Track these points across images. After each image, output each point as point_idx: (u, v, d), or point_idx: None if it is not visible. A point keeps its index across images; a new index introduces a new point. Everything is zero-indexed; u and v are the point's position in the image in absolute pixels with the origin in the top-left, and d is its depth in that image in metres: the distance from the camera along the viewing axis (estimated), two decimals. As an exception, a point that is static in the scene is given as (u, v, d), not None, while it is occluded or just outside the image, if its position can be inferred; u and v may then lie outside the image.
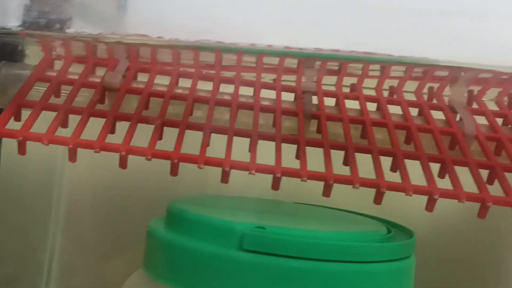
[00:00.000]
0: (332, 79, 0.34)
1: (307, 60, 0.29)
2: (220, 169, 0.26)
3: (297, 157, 0.28)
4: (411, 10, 0.25)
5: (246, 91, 0.32)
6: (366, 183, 0.25)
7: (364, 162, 0.28)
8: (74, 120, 0.28)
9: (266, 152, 0.28)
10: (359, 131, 0.30)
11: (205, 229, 0.25)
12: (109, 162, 0.28)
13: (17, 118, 0.27)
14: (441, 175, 0.27)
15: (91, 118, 0.28)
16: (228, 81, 0.32)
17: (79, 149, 0.26)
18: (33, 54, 0.33)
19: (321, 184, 0.26)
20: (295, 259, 0.23)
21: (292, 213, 0.31)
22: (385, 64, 0.29)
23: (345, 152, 0.28)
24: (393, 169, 0.28)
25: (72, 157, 0.25)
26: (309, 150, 0.28)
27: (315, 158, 0.28)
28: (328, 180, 0.25)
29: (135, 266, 0.29)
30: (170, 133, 0.28)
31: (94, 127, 0.28)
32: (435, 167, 0.27)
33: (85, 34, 0.26)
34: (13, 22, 0.26)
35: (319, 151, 0.28)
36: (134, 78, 0.31)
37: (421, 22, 0.25)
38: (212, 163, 0.26)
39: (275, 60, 0.31)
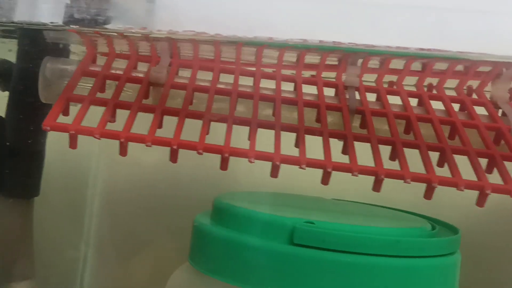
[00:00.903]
0: (370, 76, 0.34)
1: (351, 56, 0.29)
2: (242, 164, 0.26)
3: (344, 152, 0.28)
4: (455, 9, 0.25)
5: (285, 87, 0.32)
6: (417, 178, 0.25)
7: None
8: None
9: (310, 146, 0.28)
10: (402, 127, 0.30)
11: (256, 224, 0.25)
12: (140, 157, 0.28)
13: (66, 113, 0.28)
14: (489, 170, 0.27)
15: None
16: (270, 77, 0.32)
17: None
18: (75, 50, 0.34)
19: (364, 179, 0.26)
20: (345, 254, 0.23)
21: (334, 208, 0.31)
22: (430, 60, 0.28)
23: (392, 147, 0.28)
24: (440, 163, 0.27)
25: (123, 151, 0.26)
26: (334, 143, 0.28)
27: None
28: (379, 175, 0.25)
29: (170, 261, 0.29)
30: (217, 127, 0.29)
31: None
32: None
33: (133, 30, 0.26)
34: (54, 19, 0.27)
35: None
36: (176, 74, 0.31)
37: (463, 19, 0.25)
38: (212, 150, 0.26)
39: (313, 58, 0.32)
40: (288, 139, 0.29)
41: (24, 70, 0.32)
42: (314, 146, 0.28)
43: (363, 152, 0.28)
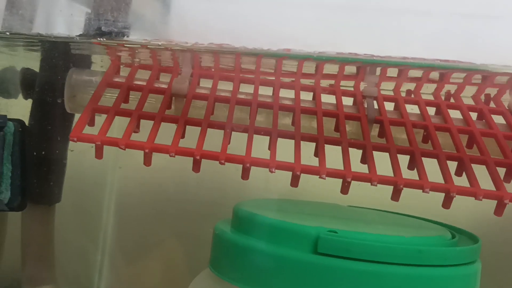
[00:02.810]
0: (387, 85, 0.34)
1: (370, 66, 0.30)
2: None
3: (363, 161, 0.28)
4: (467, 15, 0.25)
5: (304, 96, 0.33)
6: (436, 188, 0.26)
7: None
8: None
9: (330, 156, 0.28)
10: (420, 136, 0.31)
11: (278, 232, 0.25)
12: (159, 165, 0.29)
13: (91, 123, 0.28)
14: (507, 179, 0.27)
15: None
16: (289, 86, 0.33)
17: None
18: (97, 61, 0.35)
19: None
20: (368, 263, 0.24)
21: (352, 216, 0.31)
22: (448, 70, 0.29)
23: (411, 156, 0.28)
24: (458, 173, 0.28)
25: (148, 161, 0.26)
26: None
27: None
28: (398, 185, 0.26)
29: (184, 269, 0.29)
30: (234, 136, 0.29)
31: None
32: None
33: (159, 43, 0.26)
34: (75, 32, 0.27)
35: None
36: (198, 84, 0.32)
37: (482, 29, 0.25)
38: (234, 160, 0.27)
39: (332, 68, 0.32)
40: (304, 147, 0.29)
41: (48, 80, 0.32)
42: (329, 155, 0.29)
43: (379, 161, 0.28)
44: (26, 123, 0.34)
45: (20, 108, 0.36)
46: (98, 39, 0.26)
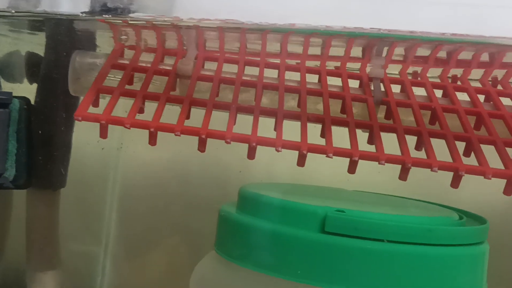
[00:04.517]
0: (394, 68, 0.34)
1: (376, 46, 0.30)
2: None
3: (370, 142, 0.28)
4: None
5: (310, 78, 0.33)
6: (444, 166, 0.25)
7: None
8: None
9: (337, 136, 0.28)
10: (427, 118, 0.30)
11: (286, 213, 0.25)
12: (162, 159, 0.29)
13: (96, 104, 0.28)
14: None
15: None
16: (294, 69, 0.32)
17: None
18: (102, 43, 0.34)
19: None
20: (376, 242, 0.23)
21: (359, 199, 0.31)
22: (456, 46, 0.28)
23: (418, 137, 0.28)
24: (467, 153, 0.28)
25: (153, 140, 0.26)
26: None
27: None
28: (406, 163, 0.25)
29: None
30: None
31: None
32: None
33: (165, 18, 0.26)
34: (80, 8, 0.27)
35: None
36: (202, 66, 0.32)
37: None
38: (240, 139, 0.26)
39: (338, 50, 0.32)
40: (310, 131, 0.29)
41: (53, 61, 0.32)
42: (335, 138, 0.28)
43: (386, 144, 0.28)
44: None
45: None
46: (103, 16, 0.25)
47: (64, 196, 0.37)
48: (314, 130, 0.29)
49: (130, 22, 0.27)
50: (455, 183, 0.26)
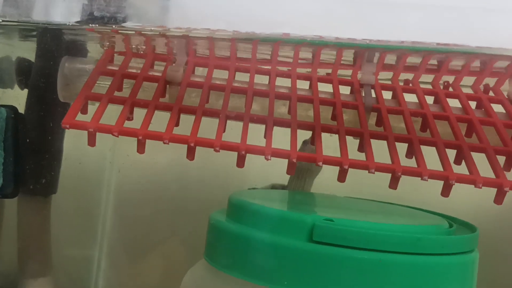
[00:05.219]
0: (383, 74, 0.34)
1: (367, 53, 0.29)
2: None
3: (360, 149, 0.28)
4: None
5: (301, 85, 0.32)
6: (435, 175, 0.25)
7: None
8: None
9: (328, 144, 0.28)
10: (418, 125, 0.30)
11: (273, 221, 0.25)
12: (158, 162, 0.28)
13: (84, 111, 0.28)
14: (507, 168, 0.27)
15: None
16: (284, 75, 0.32)
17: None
18: (92, 50, 0.34)
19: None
20: (365, 251, 0.23)
21: (349, 206, 0.31)
22: (447, 55, 0.28)
23: (409, 144, 0.28)
24: (457, 161, 0.27)
25: (141, 148, 0.26)
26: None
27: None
28: (396, 172, 0.25)
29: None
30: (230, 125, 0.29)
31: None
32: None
33: (152, 28, 0.26)
34: (73, 19, 0.27)
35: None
36: (192, 72, 0.32)
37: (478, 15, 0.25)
38: (229, 148, 0.26)
39: (329, 56, 0.32)
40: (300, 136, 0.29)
41: (43, 68, 0.32)
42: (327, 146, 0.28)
43: (377, 152, 0.28)
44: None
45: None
46: (90, 25, 0.25)
47: (59, 200, 0.37)
48: (305, 136, 0.29)
49: (119, 31, 0.27)
50: (446, 192, 0.26)
